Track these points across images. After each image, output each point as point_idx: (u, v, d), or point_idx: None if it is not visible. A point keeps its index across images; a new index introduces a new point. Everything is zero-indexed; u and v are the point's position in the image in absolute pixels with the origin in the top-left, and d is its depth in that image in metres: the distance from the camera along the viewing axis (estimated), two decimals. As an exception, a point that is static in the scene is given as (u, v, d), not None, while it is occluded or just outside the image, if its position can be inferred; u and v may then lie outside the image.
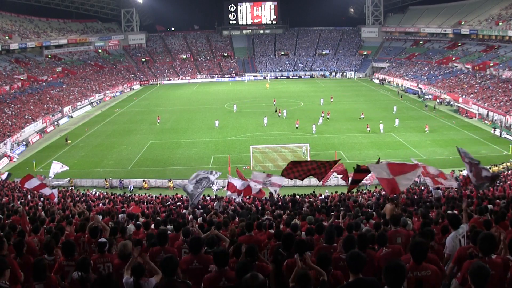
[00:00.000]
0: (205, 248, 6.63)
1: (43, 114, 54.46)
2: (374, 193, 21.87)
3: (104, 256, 6.53)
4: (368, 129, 43.19)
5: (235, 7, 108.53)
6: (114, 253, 6.83)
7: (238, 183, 16.53)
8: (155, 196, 24.33)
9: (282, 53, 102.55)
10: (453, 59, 73.31)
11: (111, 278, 4.36)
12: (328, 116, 49.16)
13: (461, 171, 29.22)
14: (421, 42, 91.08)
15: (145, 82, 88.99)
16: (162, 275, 4.94)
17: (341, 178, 17.36)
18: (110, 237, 7.86)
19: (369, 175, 12.89)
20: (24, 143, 44.01)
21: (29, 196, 22.62)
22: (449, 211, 10.65)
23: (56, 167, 25.61)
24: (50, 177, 26.52)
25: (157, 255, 6.50)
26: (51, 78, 69.92)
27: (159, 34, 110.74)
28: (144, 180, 32.06)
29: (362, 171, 11.68)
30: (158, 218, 12.48)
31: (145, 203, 21.15)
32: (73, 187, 30.70)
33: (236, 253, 5.66)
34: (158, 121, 50.41)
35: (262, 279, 3.73)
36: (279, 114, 51.17)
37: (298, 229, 8.06)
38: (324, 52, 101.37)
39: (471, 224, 7.56)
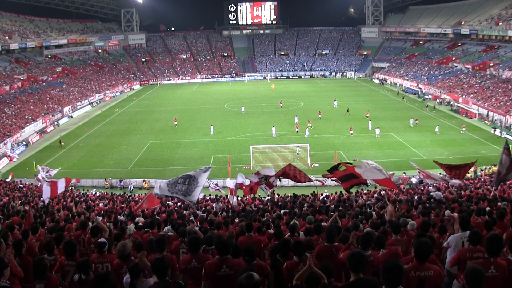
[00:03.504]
0: (204, 246, 6.65)
1: (43, 114, 54.47)
2: (375, 193, 21.86)
3: (104, 256, 6.54)
4: (351, 132, 42.01)
5: (235, 7, 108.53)
6: (114, 253, 6.84)
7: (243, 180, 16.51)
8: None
9: (282, 53, 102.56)
10: (453, 59, 73.29)
11: (108, 276, 4.38)
12: (319, 116, 49.09)
13: (482, 170, 29.39)
14: (421, 42, 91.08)
15: (145, 82, 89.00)
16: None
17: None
18: (109, 236, 7.87)
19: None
20: (24, 143, 44.02)
21: (29, 196, 22.63)
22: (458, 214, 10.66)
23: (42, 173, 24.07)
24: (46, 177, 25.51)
25: None
26: (51, 78, 69.93)
27: (159, 34, 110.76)
28: (144, 180, 32.05)
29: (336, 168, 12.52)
30: (157, 217, 12.48)
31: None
32: (73, 187, 30.68)
33: (233, 253, 5.68)
34: (175, 123, 49.12)
35: (257, 279, 3.74)
36: (347, 113, 51.17)
37: (297, 229, 8.06)
38: (324, 52, 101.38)
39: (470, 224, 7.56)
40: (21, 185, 28.78)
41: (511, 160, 10.32)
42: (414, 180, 28.71)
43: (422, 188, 22.18)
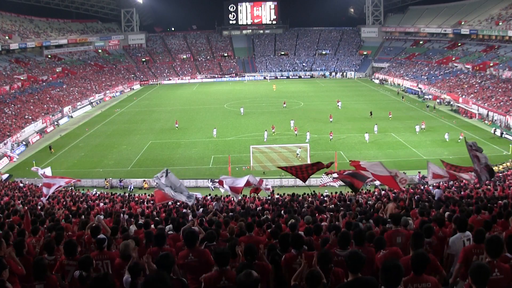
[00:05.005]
0: (205, 242, 6.66)
1: (43, 114, 54.48)
2: (375, 193, 21.89)
3: (103, 253, 6.53)
4: (331, 137, 40.50)
5: (235, 7, 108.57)
6: (114, 250, 6.84)
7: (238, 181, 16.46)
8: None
9: (282, 53, 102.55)
10: (453, 59, 73.31)
11: (107, 277, 4.39)
12: (331, 119, 47.51)
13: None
14: (421, 42, 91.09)
15: (145, 82, 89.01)
16: None
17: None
18: (110, 237, 7.86)
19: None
20: (24, 143, 44.02)
21: (29, 196, 22.63)
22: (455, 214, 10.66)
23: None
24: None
25: (155, 256, 6.49)
26: (51, 78, 69.94)
27: (159, 34, 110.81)
28: (144, 180, 32.05)
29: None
30: (157, 218, 12.48)
31: (145, 203, 21.14)
32: (73, 187, 30.69)
33: (232, 253, 5.68)
34: (176, 125, 47.81)
35: (256, 276, 3.75)
36: (371, 116, 49.03)
37: (297, 228, 8.07)
38: (324, 52, 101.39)
39: (470, 223, 7.57)
40: (21, 185, 28.78)
41: (476, 155, 10.44)
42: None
43: (422, 187, 22.19)
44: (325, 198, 19.89)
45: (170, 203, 20.46)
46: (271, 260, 5.80)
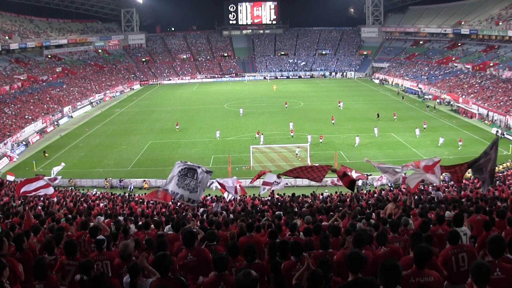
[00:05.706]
0: (206, 242, 6.67)
1: (43, 114, 54.47)
2: (375, 193, 21.89)
3: (102, 253, 6.54)
4: (321, 140, 39.44)
5: (235, 7, 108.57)
6: (113, 250, 6.84)
7: (228, 183, 16.43)
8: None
9: (282, 53, 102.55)
10: (453, 59, 73.30)
11: (103, 277, 4.41)
12: (333, 121, 46.96)
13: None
14: (421, 42, 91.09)
15: (145, 82, 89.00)
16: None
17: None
18: (110, 236, 7.86)
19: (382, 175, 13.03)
20: (24, 143, 44.02)
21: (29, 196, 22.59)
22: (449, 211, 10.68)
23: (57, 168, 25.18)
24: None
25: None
26: (51, 78, 69.93)
27: (159, 34, 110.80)
28: (144, 180, 32.07)
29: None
30: (156, 219, 12.49)
31: (145, 203, 21.14)
32: (73, 187, 30.71)
33: (232, 253, 5.68)
34: (177, 127, 46.99)
35: (255, 276, 3.75)
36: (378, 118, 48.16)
37: (297, 229, 8.07)
38: (324, 52, 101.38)
39: (468, 223, 7.59)
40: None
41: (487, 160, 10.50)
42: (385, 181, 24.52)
43: (422, 188, 22.19)
44: (325, 199, 19.89)
45: (170, 203, 20.47)
46: (272, 268, 5.79)
